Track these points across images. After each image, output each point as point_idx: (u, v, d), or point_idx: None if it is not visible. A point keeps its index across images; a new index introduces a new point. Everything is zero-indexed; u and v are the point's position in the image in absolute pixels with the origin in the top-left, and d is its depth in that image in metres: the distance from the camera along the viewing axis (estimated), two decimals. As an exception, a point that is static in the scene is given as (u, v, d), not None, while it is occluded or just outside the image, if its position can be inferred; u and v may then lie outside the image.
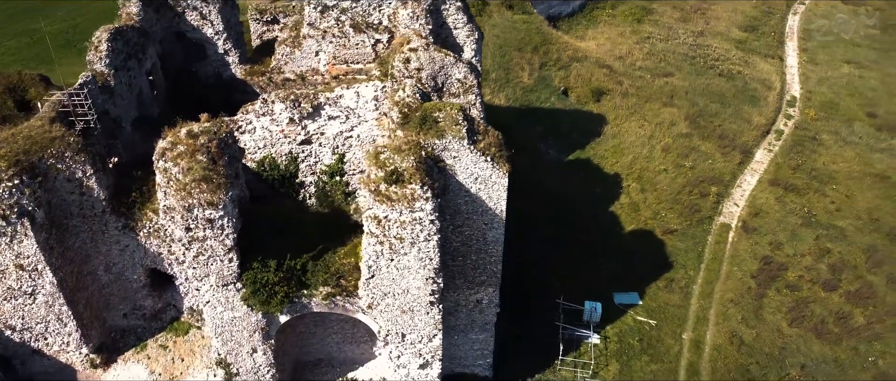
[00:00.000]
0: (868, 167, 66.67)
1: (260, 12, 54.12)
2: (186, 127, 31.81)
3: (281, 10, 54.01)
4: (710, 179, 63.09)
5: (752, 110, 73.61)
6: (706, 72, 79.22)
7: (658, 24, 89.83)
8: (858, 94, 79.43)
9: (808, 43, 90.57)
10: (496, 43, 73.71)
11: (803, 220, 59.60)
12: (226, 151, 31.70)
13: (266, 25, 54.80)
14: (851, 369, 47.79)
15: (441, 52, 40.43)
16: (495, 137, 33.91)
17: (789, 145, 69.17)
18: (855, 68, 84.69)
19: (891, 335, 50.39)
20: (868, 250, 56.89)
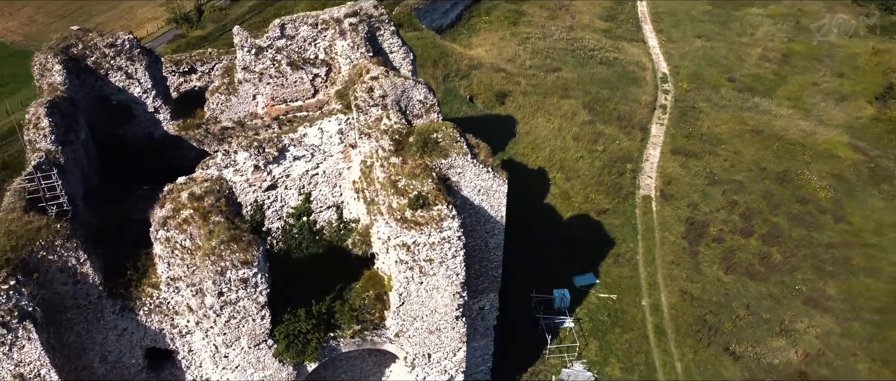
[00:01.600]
0: (743, 125, 75.82)
1: (175, 64, 51.49)
2: (184, 190, 30.29)
3: (197, 58, 51.74)
4: (622, 159, 68.62)
5: (637, 91, 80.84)
6: (588, 62, 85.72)
7: (531, 24, 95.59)
8: (715, 63, 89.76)
9: (661, 24, 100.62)
10: (397, 62, 74.90)
11: (708, 180, 66.70)
12: (234, 207, 30.57)
13: (183, 77, 52.19)
14: (784, 299, 54.52)
15: (400, 77, 41.25)
16: (487, 148, 35.43)
17: (676, 117, 76.85)
18: (705, 41, 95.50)
19: (804, 264, 58.05)
20: (765, 195, 64.93)
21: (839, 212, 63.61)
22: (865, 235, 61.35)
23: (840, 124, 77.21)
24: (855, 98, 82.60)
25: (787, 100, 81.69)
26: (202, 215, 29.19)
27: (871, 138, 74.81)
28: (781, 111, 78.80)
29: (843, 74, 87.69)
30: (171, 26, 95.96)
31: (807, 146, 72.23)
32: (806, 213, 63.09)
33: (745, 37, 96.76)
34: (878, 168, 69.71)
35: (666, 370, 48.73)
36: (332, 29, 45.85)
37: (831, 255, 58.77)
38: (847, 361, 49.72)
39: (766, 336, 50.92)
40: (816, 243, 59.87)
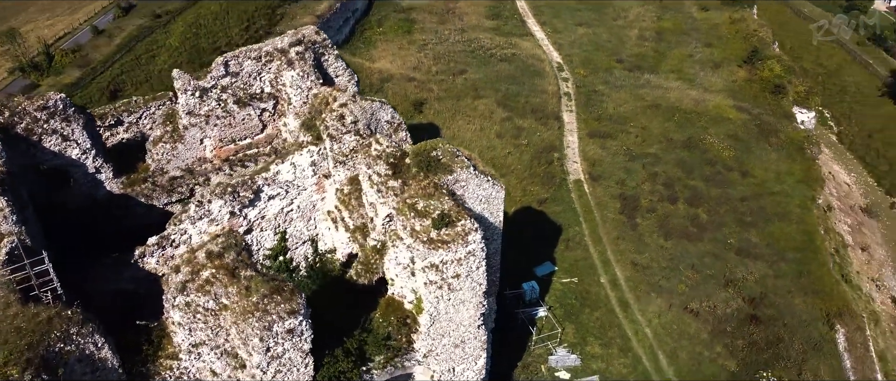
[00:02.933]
0: (642, 102, 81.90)
1: (99, 118, 47.61)
2: (199, 250, 28.63)
3: (123, 109, 48.14)
4: (546, 149, 71.87)
5: (542, 82, 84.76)
6: (489, 61, 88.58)
7: (425, 30, 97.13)
8: (601, 47, 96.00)
9: (542, 17, 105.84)
10: (310, 85, 73.53)
11: (627, 157, 71.53)
12: (253, 256, 29.31)
13: (109, 131, 48.37)
14: (720, 254, 59.90)
15: (367, 100, 41.02)
16: (478, 158, 36.23)
17: (582, 102, 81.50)
18: (587, 28, 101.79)
19: (728, 218, 64.04)
20: (679, 163, 70.77)
21: (743, 167, 70.72)
22: (769, 184, 68.72)
23: (721, 89, 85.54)
24: (726, 64, 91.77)
25: (672, 73, 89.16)
26: (228, 272, 27.74)
27: (749, 98, 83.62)
28: (670, 84, 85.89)
29: (711, 44, 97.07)
30: (16, 76, 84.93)
31: (700, 113, 79.39)
32: (717, 173, 69.54)
33: (620, 20, 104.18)
34: (763, 124, 78.16)
35: (639, 338, 52.02)
36: (277, 60, 44.56)
37: (747, 207, 65.30)
38: (785, 298, 55.66)
39: (714, 290, 55.72)
40: (733, 199, 66.21)
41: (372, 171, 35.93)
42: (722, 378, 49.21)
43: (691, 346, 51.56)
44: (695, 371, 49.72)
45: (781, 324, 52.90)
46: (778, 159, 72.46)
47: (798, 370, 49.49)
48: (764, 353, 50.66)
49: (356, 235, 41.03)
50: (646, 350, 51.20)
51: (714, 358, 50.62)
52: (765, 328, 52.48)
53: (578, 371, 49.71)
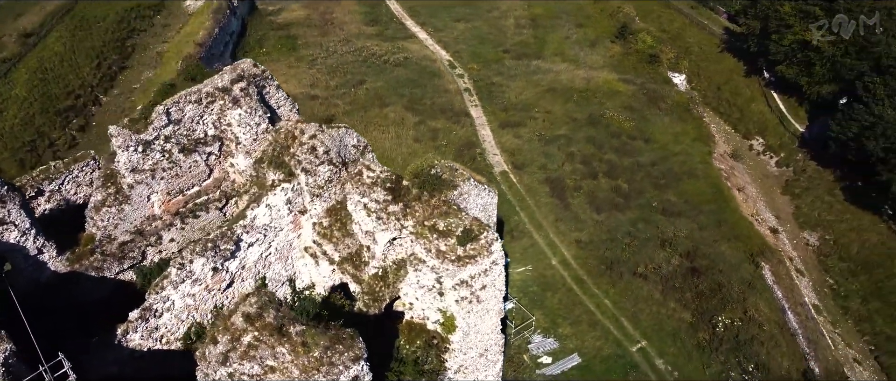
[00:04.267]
0: (538, 87, 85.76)
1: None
2: (234, 317, 26.87)
3: (43, 177, 43.23)
4: (465, 146, 73.36)
5: (441, 82, 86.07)
6: (385, 68, 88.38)
7: (309, 45, 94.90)
8: (485, 40, 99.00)
9: (420, 18, 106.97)
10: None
11: (541, 142, 74.82)
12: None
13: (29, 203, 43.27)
14: (649, 217, 64.68)
15: (333, 128, 39.95)
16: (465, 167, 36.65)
17: (485, 96, 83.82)
18: (466, 23, 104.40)
19: (646, 184, 69.20)
20: (589, 140, 75.18)
21: (644, 135, 76.53)
22: (670, 147, 74.99)
23: (604, 65, 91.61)
24: (601, 41, 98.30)
25: (556, 56, 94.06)
26: (275, 331, 26.28)
27: (630, 70, 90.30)
28: (558, 67, 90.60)
29: (582, 25, 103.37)
30: None
31: (593, 90, 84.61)
32: (624, 144, 74.70)
33: (494, 12, 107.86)
34: (649, 92, 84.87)
35: (602, 310, 55.11)
36: (219, 100, 42.12)
37: (658, 170, 70.90)
38: (713, 247, 61.36)
39: (653, 252, 60.17)
40: (644, 165, 71.55)
41: (368, 199, 35.22)
42: (682, 330, 53.48)
43: (648, 307, 55.43)
44: (658, 329, 53.58)
45: (718, 271, 58.27)
46: (671, 123, 79.18)
47: (743, 308, 54.84)
48: (711, 300, 55.58)
49: (344, 266, 40.03)
50: (611, 320, 54.33)
51: (671, 314, 54.81)
52: (705, 277, 57.53)
53: (558, 353, 51.79)
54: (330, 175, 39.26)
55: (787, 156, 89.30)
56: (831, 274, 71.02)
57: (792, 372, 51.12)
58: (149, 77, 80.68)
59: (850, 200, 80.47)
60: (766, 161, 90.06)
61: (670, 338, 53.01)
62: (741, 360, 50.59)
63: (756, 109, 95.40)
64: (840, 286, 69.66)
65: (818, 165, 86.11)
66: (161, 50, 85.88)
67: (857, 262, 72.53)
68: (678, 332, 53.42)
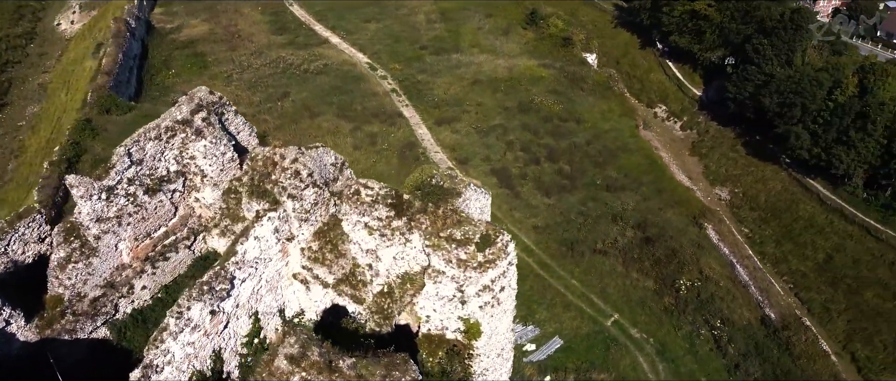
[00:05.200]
0: (463, 80, 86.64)
1: (-42, 260, 38.14)
2: (277, 360, 25.84)
3: (-14, 239, 39.26)
4: (406, 147, 73.14)
5: (367, 85, 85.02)
6: (305, 77, 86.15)
7: (220, 61, 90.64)
8: (400, 39, 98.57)
9: (329, 22, 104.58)
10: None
11: (478, 134, 75.84)
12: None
13: (-28, 271, 39.13)
14: (596, 195, 67.35)
15: (311, 149, 38.73)
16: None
17: (413, 95, 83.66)
18: (376, 23, 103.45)
19: (585, 162, 71.92)
20: (524, 127, 77.02)
21: (574, 116, 79.35)
22: (600, 124, 78.26)
23: (521, 53, 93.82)
24: (513, 29, 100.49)
25: (474, 48, 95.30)
26: (325, 368, 25.50)
27: (547, 54, 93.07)
28: (478, 59, 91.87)
29: (491, 14, 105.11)
30: None
31: (517, 78, 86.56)
32: (557, 127, 77.14)
33: (403, 9, 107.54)
34: (569, 74, 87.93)
35: (571, 291, 57.08)
36: (180, 133, 39.73)
37: (594, 149, 73.86)
38: (659, 215, 64.93)
39: (608, 228, 62.89)
40: (580, 146, 74.32)
41: (368, 217, 34.48)
42: (649, 297, 56.37)
43: (614, 281, 57.98)
44: (627, 300, 56.22)
45: (669, 237, 61.78)
46: (596, 102, 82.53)
47: (698, 269, 58.53)
48: (669, 266, 58.92)
49: (341, 287, 39.06)
50: (582, 298, 56.39)
51: (635, 284, 57.63)
52: (659, 245, 60.86)
53: (540, 339, 53.22)
54: (316, 198, 38.10)
55: (689, 120, 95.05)
56: (745, 224, 76.13)
57: (752, 321, 55.26)
58: (35, 112, 74.19)
59: (751, 154, 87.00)
60: (671, 127, 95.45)
61: (639, 307, 55.75)
62: (708, 317, 54.04)
63: (655, 78, 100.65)
64: (755, 234, 74.84)
65: (719, 125, 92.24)
66: (43, 81, 78.98)
67: (766, 210, 78.45)
68: (645, 300, 56.23)
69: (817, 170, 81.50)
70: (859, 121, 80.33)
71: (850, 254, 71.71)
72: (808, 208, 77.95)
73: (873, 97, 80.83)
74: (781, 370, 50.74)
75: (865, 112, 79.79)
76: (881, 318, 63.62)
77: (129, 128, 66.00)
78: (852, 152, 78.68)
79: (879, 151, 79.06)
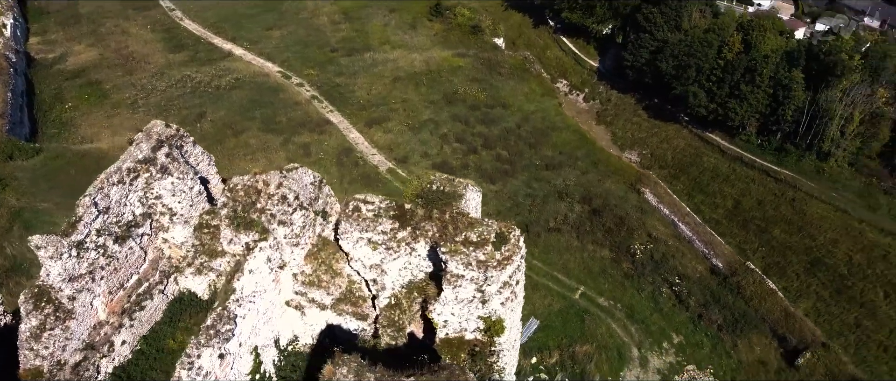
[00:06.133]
0: (383, 79, 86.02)
1: None
2: None
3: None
4: (342, 153, 71.96)
5: (286, 95, 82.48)
6: (219, 93, 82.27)
7: (120, 87, 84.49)
8: (308, 43, 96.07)
9: (230, 33, 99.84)
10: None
11: (411, 131, 75.83)
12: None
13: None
14: (537, 175, 69.39)
15: (291, 171, 37.43)
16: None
17: (336, 99, 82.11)
18: (279, 30, 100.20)
19: (520, 145, 73.72)
20: (456, 118, 77.76)
21: (500, 102, 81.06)
22: (526, 107, 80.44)
23: (433, 44, 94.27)
24: (419, 22, 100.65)
25: (385, 45, 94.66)
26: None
27: (460, 44, 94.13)
28: (392, 55, 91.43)
29: (394, 9, 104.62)
30: None
31: (436, 70, 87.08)
32: (486, 115, 78.52)
33: (303, 13, 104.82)
34: (486, 61, 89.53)
35: (536, 271, 58.83)
36: (143, 173, 37.39)
37: (525, 131, 75.94)
38: (600, 187, 67.96)
39: (556, 206, 65.12)
40: (512, 130, 76.17)
41: (371, 233, 33.90)
42: (608, 266, 59.12)
43: (572, 256, 60.28)
44: (588, 272, 58.70)
45: (613, 206, 64.91)
46: (516, 84, 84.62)
47: (646, 232, 61.99)
48: (619, 233, 62.00)
49: (340, 307, 38.36)
50: (547, 277, 58.30)
51: (592, 255, 60.23)
52: (606, 214, 63.84)
53: (518, 323, 54.46)
54: (304, 221, 37.05)
55: (591, 91, 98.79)
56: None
57: (703, 273, 59.34)
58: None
59: (653, 116, 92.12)
60: (575, 99, 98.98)
61: (601, 276, 58.36)
62: (665, 275, 57.48)
63: (552, 54, 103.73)
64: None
65: (619, 92, 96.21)
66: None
67: (675, 167, 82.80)
68: (605, 269, 58.92)
69: (715, 124, 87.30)
70: (748, 75, 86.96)
71: (754, 197, 77.92)
72: (711, 160, 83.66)
73: (757, 51, 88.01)
74: (739, 313, 55.02)
75: (752, 66, 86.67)
76: (790, 251, 69.76)
77: (43, 173, 60.88)
78: (744, 104, 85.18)
79: (767, 101, 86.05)
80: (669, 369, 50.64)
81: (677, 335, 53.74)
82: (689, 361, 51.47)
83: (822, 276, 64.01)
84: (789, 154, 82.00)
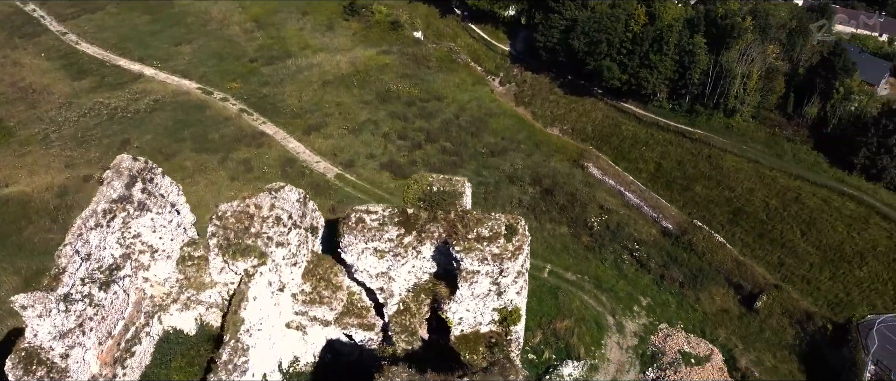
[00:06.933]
0: (313, 84, 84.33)
1: None
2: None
3: None
4: (287, 165, 70.21)
5: (213, 112, 79.22)
6: (140, 117, 77.87)
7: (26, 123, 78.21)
8: (224, 56, 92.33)
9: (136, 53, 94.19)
10: None
11: (351, 133, 74.99)
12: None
13: None
14: (485, 161, 70.57)
15: (280, 190, 36.45)
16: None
17: (268, 111, 79.72)
18: (190, 44, 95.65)
19: (462, 136, 74.62)
20: (391, 115, 77.53)
21: (434, 95, 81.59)
22: (460, 97, 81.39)
23: (355, 44, 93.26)
24: (335, 23, 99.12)
25: (305, 50, 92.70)
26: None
27: (382, 41, 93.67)
28: (316, 59, 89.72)
29: (307, 12, 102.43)
30: None
31: (364, 70, 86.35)
32: (423, 109, 78.91)
33: (211, 24, 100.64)
34: (410, 56, 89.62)
35: (502, 257, 59.99)
36: (120, 212, 35.53)
37: (464, 120, 77.05)
38: (547, 166, 70.14)
39: (509, 190, 66.66)
40: (452, 122, 77.01)
41: (377, 242, 33.67)
42: (568, 241, 61.32)
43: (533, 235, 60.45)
44: (551, 250, 60.67)
45: (563, 184, 67.21)
46: (447, 77, 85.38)
47: (597, 204, 64.68)
48: (573, 209, 64.37)
49: (344, 320, 37.99)
50: (514, 261, 59.57)
51: (552, 232, 62.27)
52: (557, 193, 66.05)
53: (495, 309, 55.56)
54: (300, 239, 36.33)
55: (506, 75, 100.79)
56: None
57: (656, 235, 62.75)
58: None
59: (569, 93, 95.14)
60: (492, 84, 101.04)
61: (564, 252, 60.49)
62: (624, 243, 60.34)
63: (463, 43, 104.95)
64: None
65: (534, 73, 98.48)
66: None
67: (596, 138, 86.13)
68: (567, 245, 61.09)
69: (629, 94, 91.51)
70: (655, 45, 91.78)
71: (674, 158, 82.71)
72: (629, 128, 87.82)
73: (661, 22, 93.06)
74: (696, 269, 58.69)
75: (659, 36, 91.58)
76: (713, 204, 74.52)
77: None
78: (655, 73, 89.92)
79: (675, 67, 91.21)
80: (644, 330, 53.44)
81: (644, 298, 56.72)
82: (659, 320, 54.51)
83: (744, 224, 69.01)
84: (700, 115, 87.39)
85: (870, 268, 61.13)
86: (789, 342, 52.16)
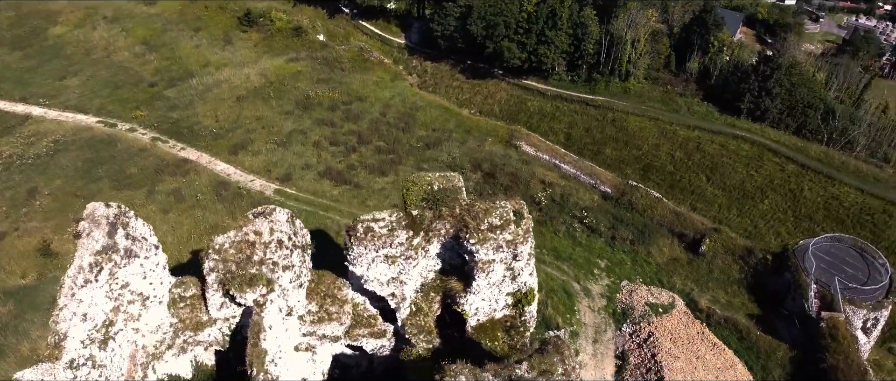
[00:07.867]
0: (226, 101, 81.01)
1: None
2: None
3: None
4: (220, 189, 67.40)
5: (127, 145, 74.13)
6: (43, 162, 71.38)
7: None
8: (119, 85, 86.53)
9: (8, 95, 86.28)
10: None
11: (280, 146, 72.98)
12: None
13: None
14: (422, 155, 71.16)
15: (271, 212, 35.46)
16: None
17: (184, 135, 75.80)
18: (76, 77, 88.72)
19: (394, 134, 74.71)
20: (317, 123, 76.16)
21: (356, 96, 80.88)
22: (381, 94, 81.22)
23: (260, 55, 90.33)
24: (233, 35, 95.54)
25: (209, 66, 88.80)
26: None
27: (291, 49, 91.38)
28: (221, 75, 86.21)
29: (198, 29, 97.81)
30: None
31: (276, 81, 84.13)
32: (349, 111, 78.14)
33: (95, 52, 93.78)
34: (320, 60, 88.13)
35: (462, 245, 61.25)
36: (106, 264, 33.56)
37: (391, 118, 76.89)
38: (483, 151, 71.66)
39: (373, 179, 67.33)
40: (380, 121, 76.79)
41: (388, 249, 33.63)
42: (521, 220, 63.37)
43: (487, 220, 63.55)
44: (507, 231, 62.43)
45: (502, 165, 69.22)
46: (363, 76, 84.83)
47: (538, 180, 67.25)
48: (517, 189, 66.55)
49: (355, 333, 37.81)
50: (473, 247, 60.98)
51: (503, 214, 64.04)
52: (499, 175, 68.00)
53: (468, 296, 56.81)
54: (301, 257, 35.67)
55: (405, 66, 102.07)
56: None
57: (598, 200, 66.27)
58: None
59: (470, 77, 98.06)
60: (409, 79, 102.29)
61: (519, 231, 62.50)
62: (572, 212, 63.29)
63: (356, 41, 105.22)
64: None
65: (433, 62, 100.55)
66: None
67: (504, 117, 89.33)
68: (520, 223, 63.14)
69: (529, 71, 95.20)
70: (549, 21, 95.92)
71: (581, 126, 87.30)
72: (534, 103, 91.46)
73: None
74: (641, 225, 62.66)
75: (552, 13, 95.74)
76: (624, 164, 79.58)
77: None
78: (552, 48, 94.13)
79: (569, 41, 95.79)
80: (609, 290, 56.60)
81: (602, 260, 59.97)
82: (620, 278, 57.93)
83: (655, 177, 74.51)
84: (598, 83, 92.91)
85: (770, 201, 68.23)
86: (736, 277, 57.25)
